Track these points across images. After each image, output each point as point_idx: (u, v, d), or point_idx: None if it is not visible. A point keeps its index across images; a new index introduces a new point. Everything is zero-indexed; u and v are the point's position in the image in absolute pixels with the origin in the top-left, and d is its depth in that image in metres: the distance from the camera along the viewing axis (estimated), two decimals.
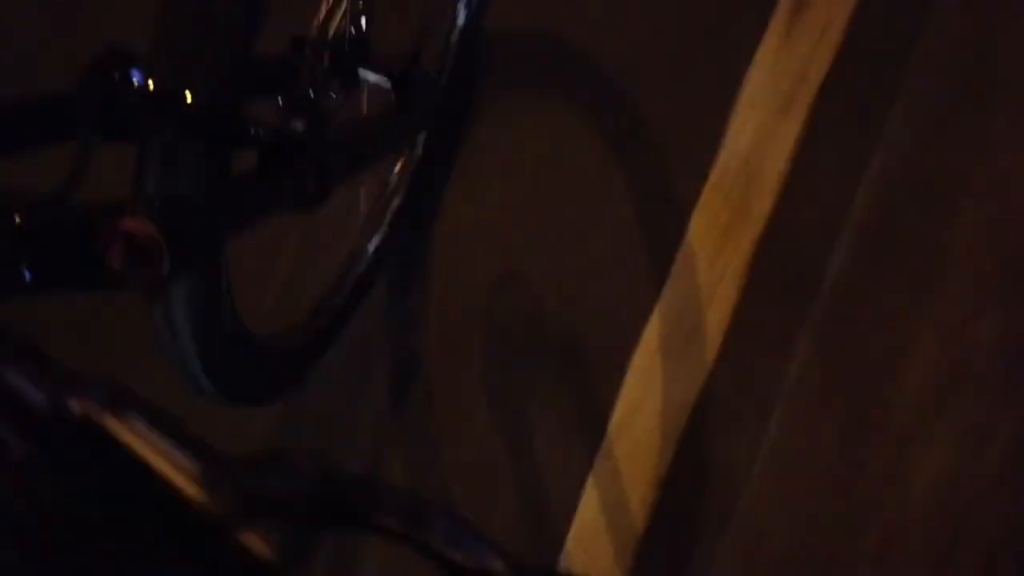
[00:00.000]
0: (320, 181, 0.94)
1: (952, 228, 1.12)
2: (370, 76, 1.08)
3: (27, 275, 0.65)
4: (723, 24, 1.25)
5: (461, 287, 1.35)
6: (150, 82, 0.75)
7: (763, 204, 1.19)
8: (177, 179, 0.82)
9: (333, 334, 1.28)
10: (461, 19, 1.24)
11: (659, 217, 1.25)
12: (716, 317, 1.19)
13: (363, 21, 1.02)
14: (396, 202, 1.33)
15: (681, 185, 1.22)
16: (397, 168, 1.32)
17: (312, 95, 0.98)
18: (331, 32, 0.99)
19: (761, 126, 1.21)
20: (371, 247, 1.33)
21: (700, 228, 1.21)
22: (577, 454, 1.24)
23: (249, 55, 0.87)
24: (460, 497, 1.29)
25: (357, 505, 0.41)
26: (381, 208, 1.33)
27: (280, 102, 0.97)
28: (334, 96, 1.03)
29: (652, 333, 1.22)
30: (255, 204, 0.90)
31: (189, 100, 0.78)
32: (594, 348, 1.26)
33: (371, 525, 0.41)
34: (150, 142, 0.78)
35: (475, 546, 0.41)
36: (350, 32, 1.01)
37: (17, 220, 0.66)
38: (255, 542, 0.37)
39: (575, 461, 1.23)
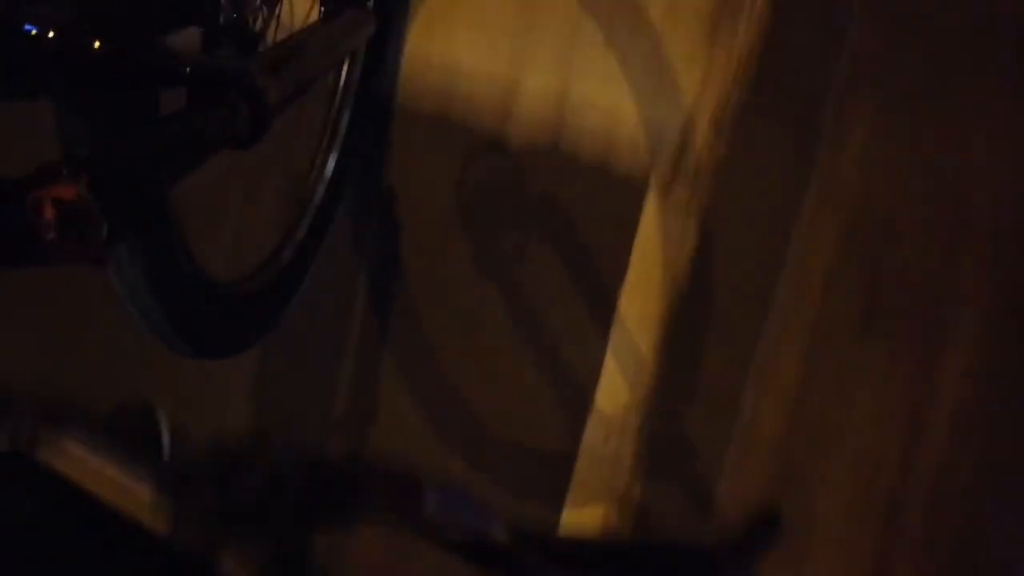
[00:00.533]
0: (257, 110, 0.87)
1: None
2: None
3: None
4: None
5: (429, 172, 1.31)
6: (49, 31, 0.68)
7: None
8: (102, 133, 0.75)
9: (304, 266, 1.23)
10: None
11: (631, 39, 1.19)
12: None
13: None
14: (347, 113, 1.26)
15: None
16: (343, 75, 1.25)
17: (234, 18, 0.91)
18: None
19: None
20: (329, 166, 1.27)
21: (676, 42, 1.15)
22: (588, 309, 1.22)
23: None
24: (475, 392, 1.28)
25: (344, 496, 0.37)
26: (332, 121, 1.26)
27: (201, 31, 0.90)
28: (259, 14, 0.95)
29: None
30: (191, 146, 0.83)
31: (97, 45, 0.71)
32: (585, 201, 1.23)
33: (362, 513, 0.37)
34: (63, 97, 0.71)
35: (471, 518, 0.38)
36: None
37: None
38: (232, 569, 0.33)
39: (587, 320, 1.22)
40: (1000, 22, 1.03)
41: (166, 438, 0.53)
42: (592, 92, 1.22)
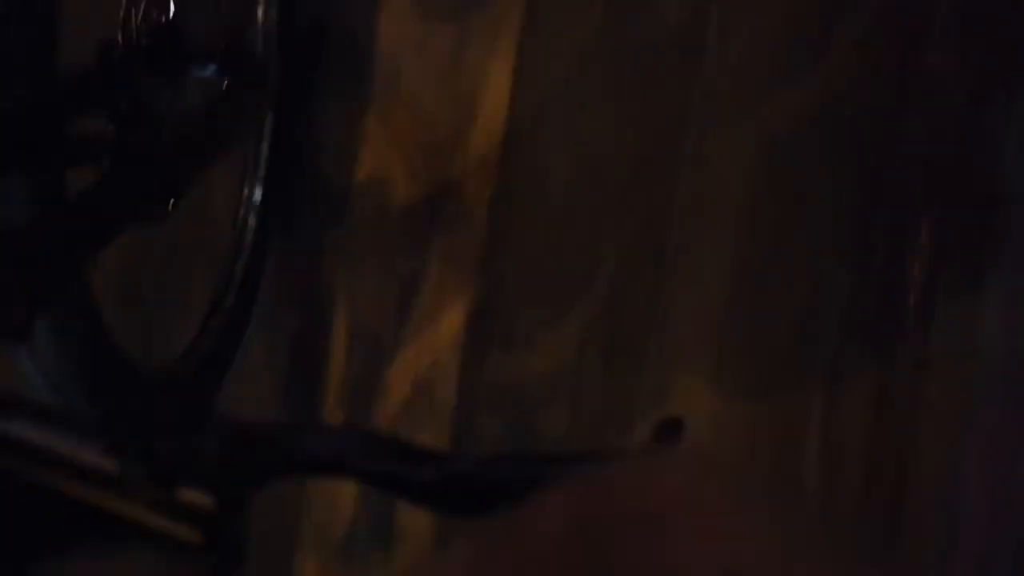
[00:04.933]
0: (166, 186, 0.89)
1: None
2: (195, 64, 1.02)
3: None
4: None
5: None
6: None
7: None
8: (18, 209, 0.76)
9: (231, 344, 1.22)
10: None
11: None
12: None
13: (171, 8, 0.96)
14: (262, 172, 1.27)
15: None
16: (254, 142, 1.26)
17: (136, 99, 0.93)
18: (139, 27, 0.93)
19: None
20: (250, 231, 1.26)
21: None
22: None
23: (51, 71, 0.81)
24: None
25: (271, 454, 0.39)
26: (251, 180, 1.27)
27: (105, 113, 0.91)
28: (162, 94, 0.97)
29: None
30: (100, 225, 0.84)
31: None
32: None
33: (291, 468, 0.40)
34: None
35: (396, 460, 0.40)
36: (161, 22, 0.95)
37: None
38: (196, 498, 0.35)
39: None
40: None
41: None
42: None
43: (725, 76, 1.06)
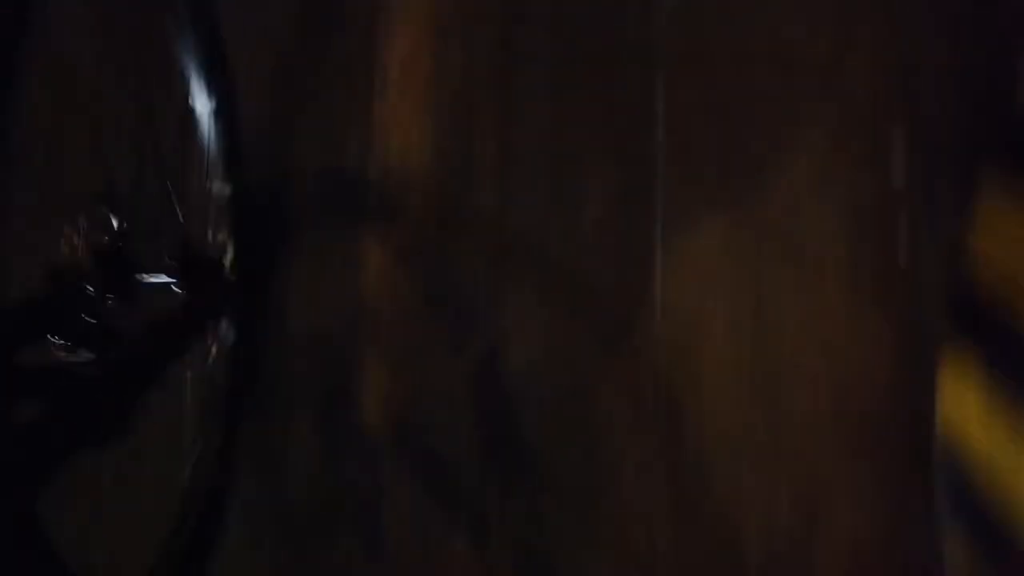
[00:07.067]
0: (122, 405, 0.87)
1: None
2: (149, 279, 1.02)
3: None
4: None
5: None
6: None
7: None
8: None
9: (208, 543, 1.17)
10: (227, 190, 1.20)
11: None
12: None
13: (117, 229, 0.97)
14: (223, 384, 1.26)
15: None
16: (212, 353, 1.25)
17: (90, 321, 0.92)
18: (87, 250, 0.94)
19: None
20: (212, 448, 1.24)
21: None
22: None
23: None
24: None
25: None
26: (211, 399, 1.25)
27: (58, 338, 0.90)
28: (115, 312, 0.97)
29: None
30: (53, 452, 0.82)
31: None
32: None
33: None
34: None
35: None
36: (109, 244, 0.95)
37: None
38: None
39: None
40: None
41: None
42: None
43: None
